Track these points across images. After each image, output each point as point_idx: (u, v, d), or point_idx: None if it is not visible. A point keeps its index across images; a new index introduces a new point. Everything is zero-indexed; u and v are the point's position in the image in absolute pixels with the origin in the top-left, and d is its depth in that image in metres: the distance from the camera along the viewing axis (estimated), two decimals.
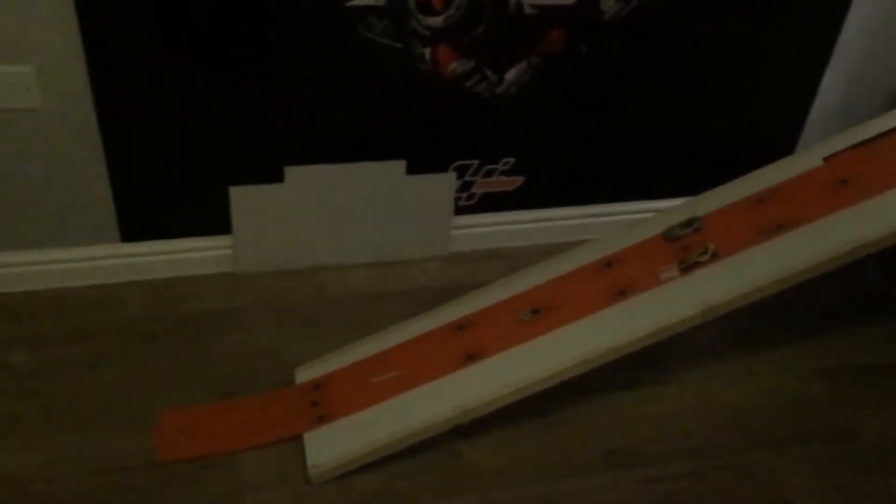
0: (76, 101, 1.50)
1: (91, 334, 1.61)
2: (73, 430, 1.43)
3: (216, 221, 1.72)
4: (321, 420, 1.43)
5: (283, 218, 1.74)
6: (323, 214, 1.75)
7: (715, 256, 1.45)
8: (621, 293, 1.45)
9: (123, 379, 1.53)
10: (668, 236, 1.53)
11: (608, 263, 1.54)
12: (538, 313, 1.48)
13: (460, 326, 1.52)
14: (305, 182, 1.70)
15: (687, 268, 1.45)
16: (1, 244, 1.64)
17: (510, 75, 1.68)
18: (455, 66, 1.64)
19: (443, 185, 1.79)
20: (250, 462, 1.40)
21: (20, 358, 1.55)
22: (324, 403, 1.45)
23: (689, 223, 1.53)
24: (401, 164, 1.74)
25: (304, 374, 1.53)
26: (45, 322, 1.63)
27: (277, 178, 1.69)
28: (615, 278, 1.49)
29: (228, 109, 1.60)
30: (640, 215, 1.88)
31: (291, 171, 1.69)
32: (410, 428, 1.37)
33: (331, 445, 1.38)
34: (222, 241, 1.75)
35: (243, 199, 1.69)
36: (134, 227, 1.69)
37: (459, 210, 1.84)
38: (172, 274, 1.75)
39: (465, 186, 1.82)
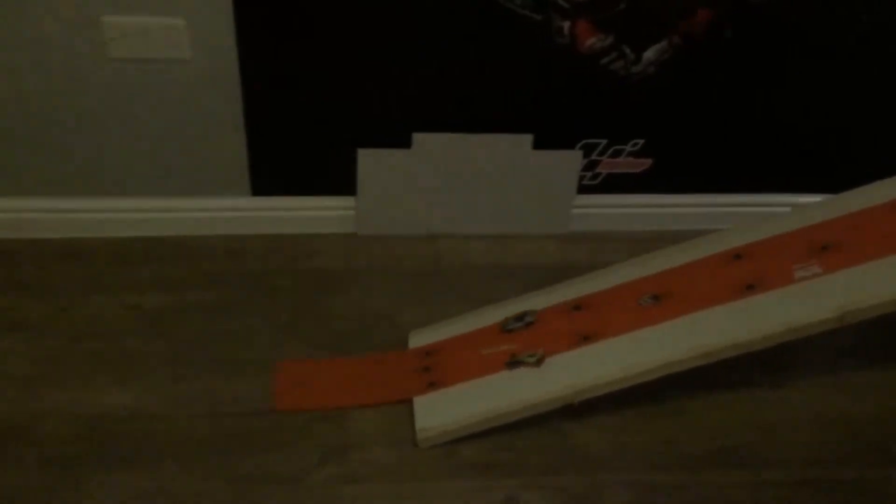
0: (223, 55, 1.54)
1: (217, 282, 1.68)
2: (197, 373, 1.49)
3: (342, 182, 1.75)
4: (432, 386, 1.44)
5: (406, 183, 1.75)
6: (446, 183, 1.76)
7: (853, 259, 1.38)
8: (750, 287, 1.40)
9: (245, 327, 1.59)
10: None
11: (737, 255, 1.48)
12: (659, 300, 1.45)
13: (577, 306, 1.50)
14: (431, 149, 1.71)
15: (828, 267, 1.38)
16: (137, 190, 1.72)
17: (649, 54, 1.64)
18: (593, 41, 1.61)
19: (568, 162, 1.76)
20: (360, 419, 1.43)
21: (151, 300, 1.62)
22: (435, 370, 1.47)
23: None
24: (527, 138, 1.72)
25: (417, 340, 1.55)
26: (175, 267, 1.70)
27: (405, 143, 1.70)
28: (744, 272, 1.44)
29: (364, 73, 1.62)
30: (773, 209, 1.81)
31: (419, 138, 1.70)
32: (521, 402, 1.37)
33: (440, 412, 1.40)
34: (346, 202, 1.78)
35: (370, 162, 1.72)
36: (264, 182, 1.74)
37: (582, 189, 1.81)
38: (296, 230, 1.79)
39: (591, 165, 1.79)
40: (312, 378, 1.49)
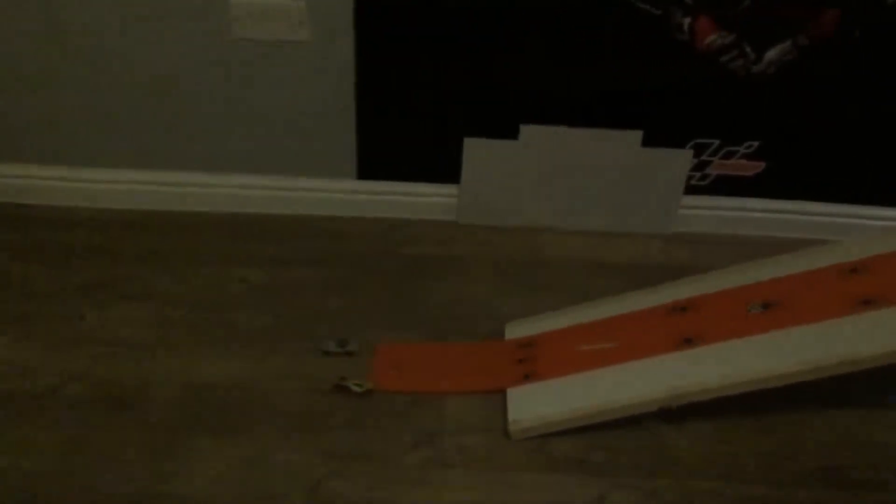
0: (340, 37, 1.57)
1: (320, 262, 1.71)
2: (298, 348, 1.53)
3: (446, 170, 1.76)
4: (527, 378, 1.44)
5: (510, 174, 1.75)
6: (550, 176, 1.75)
7: None
8: (866, 303, 1.34)
9: (346, 307, 1.62)
10: None
11: (853, 269, 1.42)
12: (770, 308, 1.40)
13: (681, 308, 1.47)
14: (538, 141, 1.70)
15: None
16: (248, 167, 1.77)
17: (771, 54, 1.58)
18: (713, 38, 1.57)
19: (678, 161, 1.72)
20: (454, 405, 1.44)
21: (258, 276, 1.67)
22: (531, 362, 1.46)
23: None
24: (637, 135, 1.69)
25: (514, 331, 1.55)
26: (282, 245, 1.75)
27: (511, 134, 1.70)
28: (861, 286, 1.38)
29: (475, 62, 1.62)
30: (891, 223, 1.73)
31: (526, 130, 1.69)
32: (618, 402, 1.35)
33: (534, 404, 1.39)
34: (449, 189, 1.79)
35: (476, 151, 1.72)
36: (370, 166, 1.77)
37: (690, 189, 1.77)
38: (399, 215, 1.82)
39: (701, 166, 1.74)
40: (410, 361, 1.50)
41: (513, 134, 1.70)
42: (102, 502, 1.28)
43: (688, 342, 1.40)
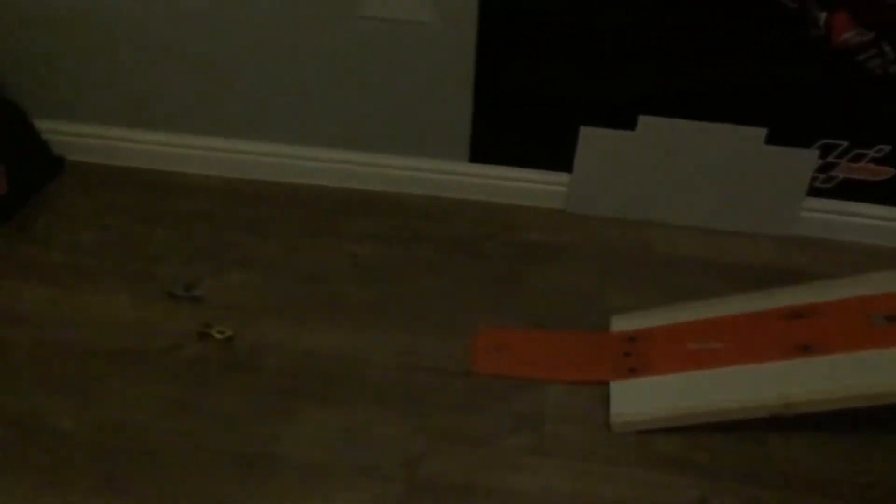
0: (463, 19, 1.57)
1: (427, 242, 1.73)
2: (401, 325, 1.55)
3: (559, 158, 1.75)
4: (632, 372, 1.42)
5: (624, 166, 1.72)
6: (666, 170, 1.71)
7: None
8: None
9: (450, 288, 1.63)
10: None
11: None
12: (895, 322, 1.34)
13: (798, 314, 1.42)
14: (656, 134, 1.67)
15: None
16: (361, 144, 1.79)
17: None
18: (850, 35, 1.50)
19: (803, 161, 1.66)
20: (555, 394, 1.44)
21: (365, 250, 1.70)
22: (637, 356, 1.44)
23: None
24: (761, 132, 1.64)
25: (620, 324, 1.52)
26: (390, 223, 1.77)
27: (629, 125, 1.67)
28: None
29: (597, 50, 1.60)
30: None
31: (645, 121, 1.66)
32: (726, 405, 1.32)
33: (637, 399, 1.37)
34: (560, 177, 1.77)
35: (591, 140, 1.70)
36: (483, 149, 1.77)
37: (813, 191, 1.71)
38: (507, 201, 1.81)
39: (826, 167, 1.68)
40: (512, 346, 1.50)
41: (630, 124, 1.67)
42: (214, 459, 1.33)
43: (804, 350, 1.35)
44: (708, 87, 1.62)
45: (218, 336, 1.49)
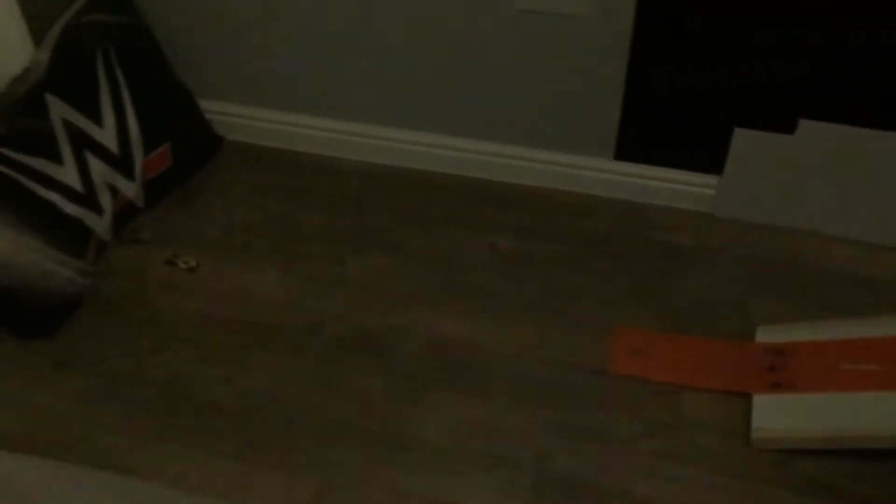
0: (619, 15, 1.55)
1: (567, 238, 1.71)
2: (536, 319, 1.55)
3: (709, 159, 1.69)
4: (777, 387, 1.36)
5: (779, 170, 1.65)
6: (823, 177, 1.63)
7: None
8: None
9: (587, 286, 1.61)
10: None
11: None
12: None
13: None
14: (816, 139, 1.59)
15: None
16: (503, 136, 1.79)
17: None
18: None
19: None
20: (693, 401, 1.40)
21: (506, 243, 1.70)
22: (783, 371, 1.38)
23: None
24: None
25: (766, 335, 1.47)
26: (530, 216, 1.77)
27: (787, 128, 1.60)
28: None
29: (755, 49, 1.54)
30: None
31: (805, 125, 1.58)
32: (880, 432, 1.25)
33: (782, 416, 1.32)
34: (708, 179, 1.72)
35: (745, 142, 1.64)
36: (629, 147, 1.74)
37: None
38: (651, 201, 1.77)
39: None
40: (649, 349, 1.47)
41: (789, 128, 1.60)
42: (347, 436, 1.37)
43: None
44: (876, 91, 1.53)
45: (183, 266, 1.60)
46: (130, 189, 1.70)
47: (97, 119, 1.61)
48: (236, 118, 1.92)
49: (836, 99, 1.55)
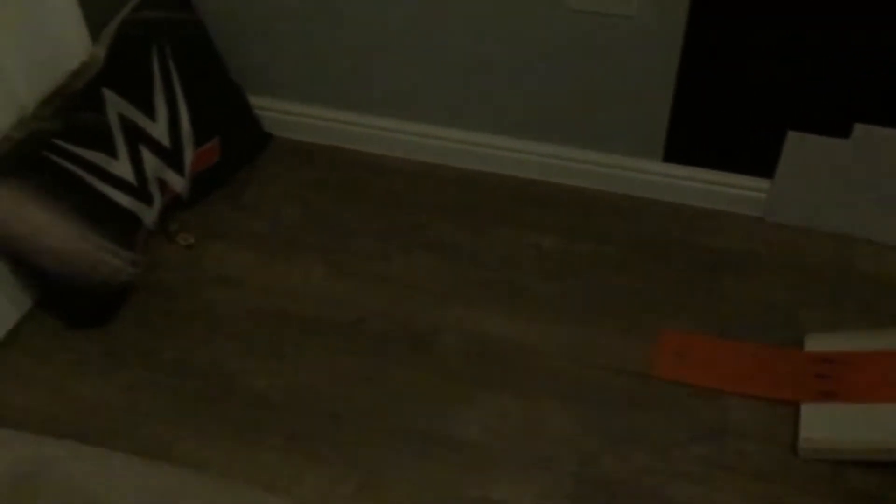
0: (671, 15, 1.53)
1: (611, 239, 1.70)
2: (581, 320, 1.54)
3: (760, 162, 1.67)
4: (826, 396, 1.34)
5: (833, 175, 1.62)
6: (879, 182, 1.59)
7: None
8: None
9: (633, 288, 1.60)
10: None
11: None
12: None
13: None
14: (872, 144, 1.55)
15: None
16: (548, 135, 1.78)
17: None
18: None
19: None
20: (739, 407, 1.38)
21: (550, 243, 1.70)
22: (832, 380, 1.36)
23: None
24: None
25: (815, 343, 1.44)
26: (574, 217, 1.76)
27: (842, 132, 1.57)
28: None
29: (810, 51, 1.51)
30: None
31: (860, 130, 1.55)
32: None
33: (831, 426, 1.30)
34: (760, 183, 1.69)
35: (798, 146, 1.61)
36: (678, 149, 1.72)
37: None
38: (699, 203, 1.75)
39: None
40: (696, 353, 1.46)
41: (843, 132, 1.56)
42: (392, 431, 1.38)
43: None
44: None
45: (182, 242, 1.66)
46: (179, 183, 1.72)
47: (151, 113, 1.64)
48: (285, 115, 1.94)
49: (893, 103, 1.52)
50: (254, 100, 1.91)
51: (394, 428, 1.39)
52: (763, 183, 1.69)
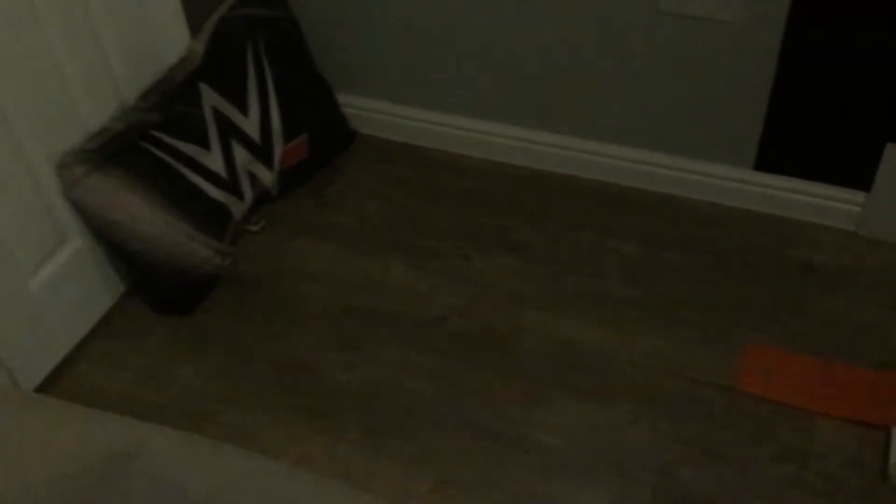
0: (770, 21, 1.49)
1: (696, 247, 1.67)
2: (663, 328, 1.52)
3: (856, 175, 1.61)
4: None
5: None
6: None
7: None
8: None
9: (718, 298, 1.56)
10: None
11: None
12: None
13: None
14: None
15: None
16: (636, 140, 1.76)
17: None
18: None
19: None
20: (825, 429, 1.34)
21: (633, 249, 1.67)
22: None
23: None
24: None
25: None
26: (658, 223, 1.73)
27: None
28: None
29: None
30: None
31: None
32: None
33: None
34: (855, 196, 1.63)
35: None
36: (770, 158, 1.67)
37: None
38: (790, 215, 1.70)
39: None
40: (782, 370, 1.42)
41: None
42: (467, 431, 1.38)
43: None
44: None
45: (253, 228, 1.72)
46: (268, 177, 1.76)
47: (243, 109, 1.68)
48: (371, 113, 1.96)
49: None
50: (341, 97, 1.94)
51: (470, 427, 1.39)
52: (858, 196, 1.63)
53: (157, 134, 1.54)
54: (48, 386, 1.48)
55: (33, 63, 1.35)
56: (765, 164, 1.68)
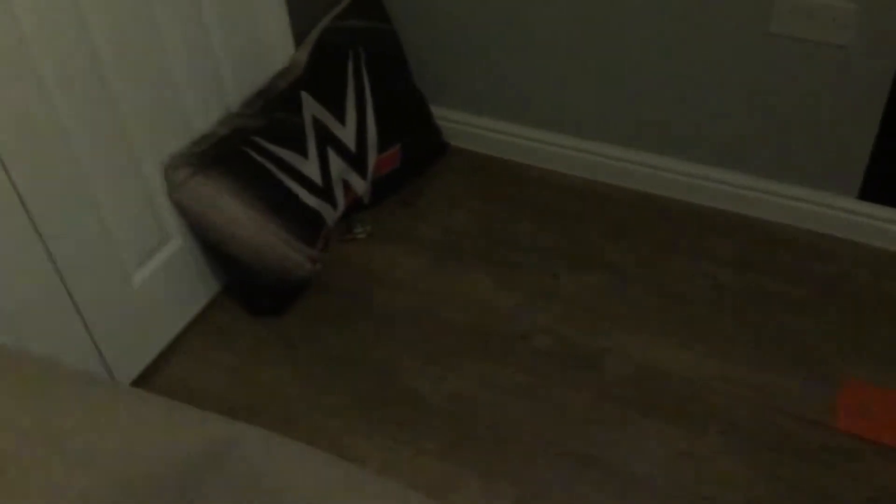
0: (885, 47, 1.44)
1: (794, 277, 1.61)
2: (756, 359, 1.47)
3: None
4: None
5: None
6: None
7: None
8: None
9: (815, 330, 1.51)
10: None
11: None
12: None
13: None
14: None
15: None
16: (734, 163, 1.71)
17: None
18: None
19: None
20: None
21: (728, 275, 1.63)
22: None
23: None
24: None
25: None
26: (756, 250, 1.68)
27: None
28: None
29: None
30: None
31: None
32: None
33: None
34: None
35: None
36: (876, 187, 1.61)
37: None
38: (892, 247, 1.63)
39: None
40: (883, 408, 1.36)
41: None
42: (548, 448, 1.37)
43: None
44: None
45: (360, 235, 1.74)
46: (361, 186, 1.79)
47: (341, 118, 1.71)
48: (464, 126, 1.97)
49: None
50: (435, 110, 1.96)
51: (553, 446, 1.37)
52: None
53: (258, 140, 1.58)
54: (142, 382, 1.53)
55: (150, 66, 1.41)
56: (870, 193, 1.62)
